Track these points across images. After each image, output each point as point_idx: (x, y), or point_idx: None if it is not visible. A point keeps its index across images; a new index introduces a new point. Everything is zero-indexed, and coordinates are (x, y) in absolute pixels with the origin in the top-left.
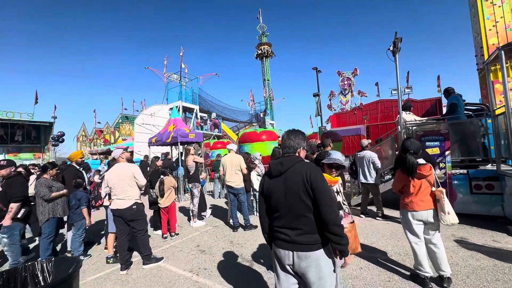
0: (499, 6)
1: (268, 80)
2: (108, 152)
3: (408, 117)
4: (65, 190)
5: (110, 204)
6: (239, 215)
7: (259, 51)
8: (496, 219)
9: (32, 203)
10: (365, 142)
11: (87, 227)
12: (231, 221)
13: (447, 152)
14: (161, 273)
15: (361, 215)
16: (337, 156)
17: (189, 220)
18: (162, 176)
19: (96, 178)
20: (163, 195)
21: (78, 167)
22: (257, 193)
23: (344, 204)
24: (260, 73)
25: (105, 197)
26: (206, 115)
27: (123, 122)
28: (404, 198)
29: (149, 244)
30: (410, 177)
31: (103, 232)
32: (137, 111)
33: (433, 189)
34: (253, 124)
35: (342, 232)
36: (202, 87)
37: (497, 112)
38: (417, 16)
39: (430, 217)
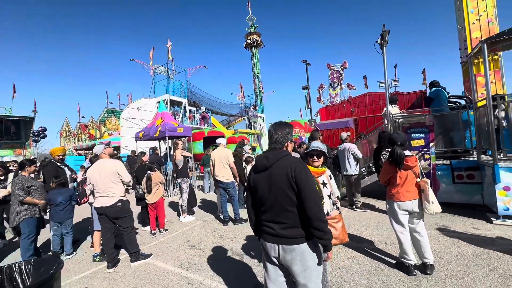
0: (482, 0)
1: (258, 73)
2: (93, 148)
3: (394, 110)
4: (41, 202)
5: (94, 202)
6: (229, 209)
7: (248, 41)
8: (476, 207)
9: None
10: (344, 135)
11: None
12: (221, 215)
13: (431, 144)
14: (149, 269)
15: (349, 207)
16: (316, 144)
17: (178, 215)
18: (149, 172)
19: (81, 175)
20: (150, 191)
21: (59, 164)
22: None
23: (332, 196)
24: (249, 66)
25: (90, 194)
26: (195, 108)
27: (109, 116)
28: (390, 189)
29: (137, 241)
30: (397, 168)
31: (89, 229)
32: (123, 104)
33: (418, 179)
34: (243, 117)
35: (326, 227)
36: (191, 80)
37: (479, 104)
38: (404, 10)
39: (415, 207)
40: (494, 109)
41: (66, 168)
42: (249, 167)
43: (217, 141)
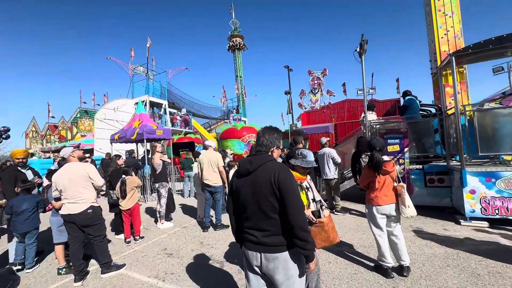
0: (450, 17)
1: (240, 77)
2: None
3: (371, 116)
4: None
5: (56, 210)
6: (212, 214)
7: (231, 43)
8: (446, 210)
9: None
10: (324, 140)
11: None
12: (199, 219)
13: (405, 149)
14: (122, 281)
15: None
16: (312, 158)
17: (156, 221)
18: (124, 176)
19: (46, 180)
20: (125, 196)
21: (19, 168)
22: None
23: (315, 201)
24: (232, 70)
25: (56, 200)
26: (175, 111)
27: (82, 116)
28: (369, 194)
29: (109, 251)
30: (376, 173)
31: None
32: (98, 105)
33: (395, 184)
34: (225, 120)
35: (309, 237)
36: (172, 82)
37: (448, 112)
38: (380, 23)
39: (392, 210)
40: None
41: (30, 172)
42: (231, 172)
43: (206, 143)
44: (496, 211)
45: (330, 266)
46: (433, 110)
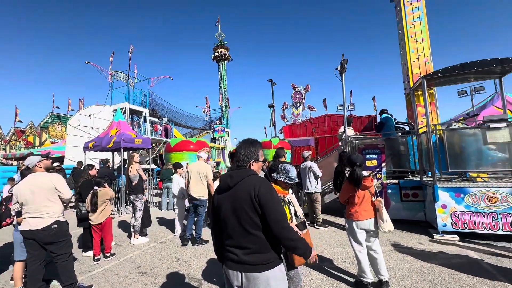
0: (420, 43)
1: (224, 88)
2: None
3: (349, 132)
4: None
5: (19, 224)
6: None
7: (216, 54)
8: (420, 223)
9: None
10: (306, 153)
11: None
12: (176, 233)
13: (383, 164)
14: None
15: (310, 224)
16: (295, 173)
17: (129, 236)
18: (95, 188)
19: (6, 190)
20: (95, 210)
21: None
22: None
23: (296, 215)
24: (217, 81)
25: (15, 215)
26: (156, 119)
27: (54, 122)
28: (349, 209)
29: (74, 270)
30: (356, 188)
31: (11, 257)
32: (73, 110)
33: (373, 199)
34: (208, 131)
35: (297, 243)
36: (154, 90)
37: (420, 131)
38: (359, 46)
39: (371, 225)
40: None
41: None
42: (216, 183)
43: (198, 154)
44: (465, 225)
45: (312, 282)
46: (407, 128)
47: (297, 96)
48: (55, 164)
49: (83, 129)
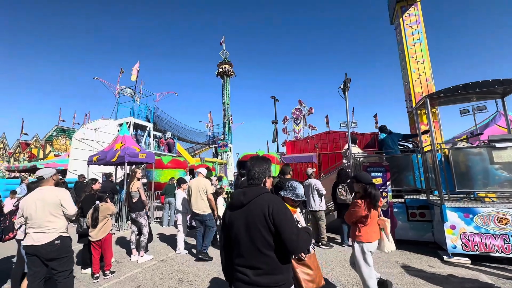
0: (421, 63)
1: (227, 104)
2: (33, 170)
3: (354, 149)
4: None
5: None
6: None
7: (220, 69)
8: (428, 245)
9: None
10: (310, 170)
11: None
12: (178, 250)
13: (388, 183)
14: None
15: (314, 244)
16: (302, 191)
17: (128, 254)
18: (97, 202)
19: (10, 203)
20: (96, 225)
21: None
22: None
23: None
24: (220, 96)
25: (18, 228)
26: (160, 134)
27: (59, 135)
28: (359, 230)
29: None
30: (372, 208)
31: (10, 272)
32: (78, 124)
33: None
34: (210, 146)
35: (303, 249)
36: (159, 105)
37: (425, 149)
38: (360, 64)
39: (377, 246)
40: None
41: None
42: (219, 199)
43: (197, 170)
44: (476, 247)
45: None
46: (411, 146)
47: (297, 113)
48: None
49: (87, 142)
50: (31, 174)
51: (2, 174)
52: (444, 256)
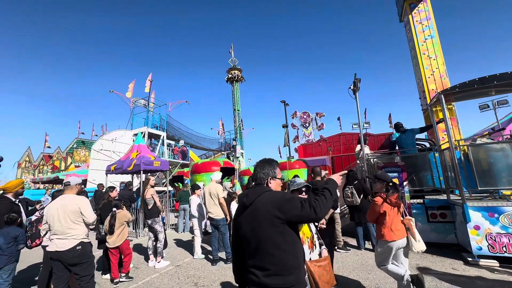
0: (434, 59)
1: (238, 110)
2: (56, 181)
3: (365, 149)
4: None
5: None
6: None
7: (230, 75)
8: (452, 246)
9: None
10: (322, 172)
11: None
12: (196, 255)
13: (405, 183)
14: None
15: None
16: (300, 181)
17: (146, 259)
18: (114, 209)
19: (37, 212)
20: (113, 232)
21: (13, 200)
22: None
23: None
24: (230, 103)
25: (44, 235)
26: (173, 142)
27: (79, 147)
28: (381, 229)
29: None
30: (391, 205)
31: (36, 278)
32: (96, 135)
33: (401, 218)
34: (222, 152)
35: (329, 203)
36: (171, 114)
37: (442, 147)
38: (372, 63)
39: (404, 244)
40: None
41: (20, 205)
42: (233, 203)
43: (211, 176)
44: (504, 249)
45: None
46: (427, 144)
47: (305, 116)
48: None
49: (105, 153)
50: (54, 185)
51: (28, 186)
52: (469, 259)
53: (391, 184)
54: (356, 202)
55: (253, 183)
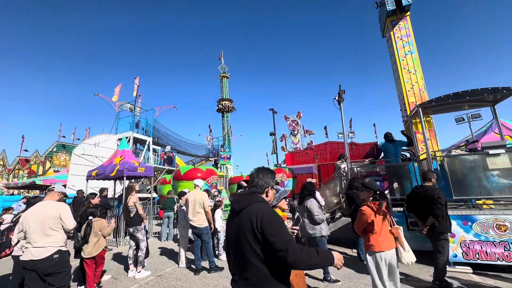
0: (414, 74)
1: (227, 117)
2: (32, 186)
3: (343, 165)
4: None
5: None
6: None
7: (220, 106)
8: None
9: None
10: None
11: None
12: (180, 264)
13: (386, 192)
14: None
15: None
16: (281, 189)
17: (126, 270)
18: (90, 218)
19: (8, 219)
20: (86, 242)
21: None
22: (220, 234)
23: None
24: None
25: (15, 244)
26: (159, 147)
27: (59, 151)
28: (369, 239)
29: None
30: (379, 214)
31: None
32: (78, 139)
33: (389, 227)
34: (210, 159)
35: (311, 260)
36: (158, 119)
37: (421, 157)
38: (357, 75)
39: (394, 256)
40: None
41: None
42: (217, 212)
43: (194, 182)
44: (477, 256)
45: None
46: (408, 155)
47: (293, 124)
48: None
49: (87, 158)
50: (30, 190)
51: (1, 191)
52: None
53: (378, 192)
54: (344, 211)
55: (248, 189)
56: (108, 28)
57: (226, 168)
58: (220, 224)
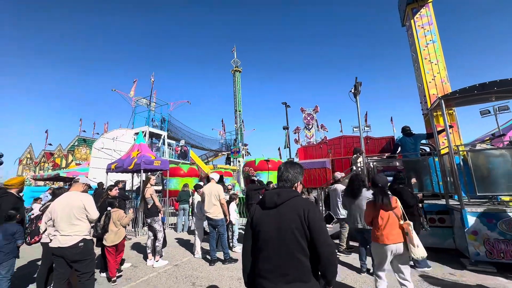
0: (435, 64)
1: (239, 111)
2: (56, 178)
3: (360, 159)
4: None
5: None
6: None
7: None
8: (450, 251)
9: None
10: (338, 175)
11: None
12: (196, 255)
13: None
14: None
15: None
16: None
17: (145, 258)
18: (109, 208)
19: (36, 209)
20: (106, 231)
21: (18, 196)
22: (234, 226)
23: None
24: (232, 104)
25: (43, 232)
26: (174, 142)
27: (80, 145)
28: (374, 231)
29: None
30: (380, 208)
31: (35, 275)
32: (98, 134)
33: (401, 222)
34: (223, 152)
35: (336, 269)
36: (172, 114)
37: (442, 152)
38: (374, 67)
39: (400, 250)
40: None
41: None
42: (232, 205)
43: (210, 176)
44: (502, 255)
45: None
46: (428, 149)
47: (308, 118)
48: None
49: (106, 151)
50: (55, 182)
51: (29, 183)
52: (467, 265)
53: (378, 187)
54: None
55: (279, 183)
56: (122, 24)
57: (239, 161)
58: (235, 216)
